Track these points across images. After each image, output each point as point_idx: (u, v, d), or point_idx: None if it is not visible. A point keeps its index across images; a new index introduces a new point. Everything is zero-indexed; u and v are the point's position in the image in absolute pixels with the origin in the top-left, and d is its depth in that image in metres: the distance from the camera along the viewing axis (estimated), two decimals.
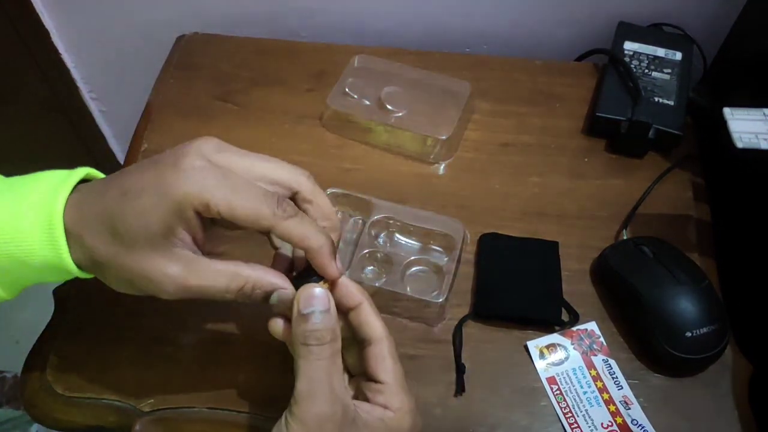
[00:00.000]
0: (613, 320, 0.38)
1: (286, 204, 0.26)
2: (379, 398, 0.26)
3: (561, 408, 0.34)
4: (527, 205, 0.43)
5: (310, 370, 0.25)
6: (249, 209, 0.25)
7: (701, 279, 0.37)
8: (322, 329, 0.25)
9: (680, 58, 0.49)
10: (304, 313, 0.25)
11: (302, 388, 0.25)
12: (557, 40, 0.56)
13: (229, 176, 0.25)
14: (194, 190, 0.24)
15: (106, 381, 0.35)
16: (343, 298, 0.27)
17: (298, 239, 0.26)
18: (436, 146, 0.46)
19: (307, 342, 0.25)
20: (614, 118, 0.45)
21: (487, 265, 0.39)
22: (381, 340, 0.27)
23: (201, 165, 0.25)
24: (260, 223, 0.25)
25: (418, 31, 0.58)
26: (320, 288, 0.26)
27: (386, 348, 0.27)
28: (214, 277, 0.26)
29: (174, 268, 0.25)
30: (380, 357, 0.27)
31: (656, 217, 0.43)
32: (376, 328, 0.27)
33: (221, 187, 0.25)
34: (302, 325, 0.25)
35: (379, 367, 0.27)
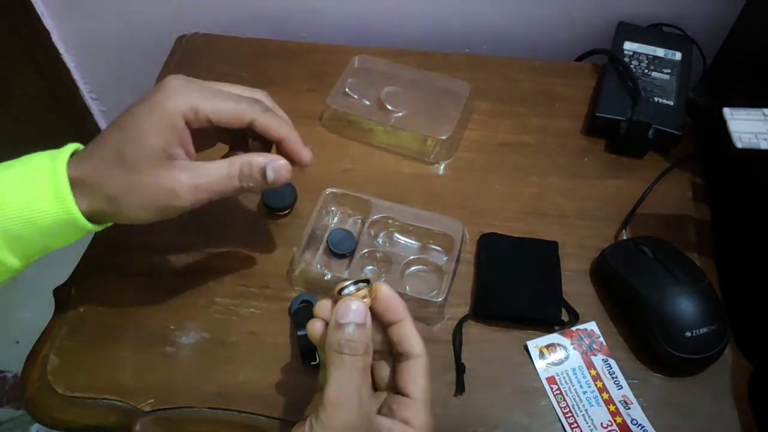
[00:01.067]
0: (613, 320, 0.38)
1: (259, 104, 0.31)
2: (404, 412, 0.27)
3: (561, 408, 0.35)
4: (527, 205, 0.43)
5: (340, 378, 0.25)
6: (231, 109, 0.30)
7: (701, 279, 0.37)
8: (357, 341, 0.26)
9: (680, 59, 0.49)
10: (341, 323, 0.26)
11: (331, 395, 0.25)
12: (557, 40, 0.56)
13: (208, 88, 0.31)
14: (182, 101, 0.29)
15: (106, 381, 0.35)
16: (387, 312, 0.27)
17: (275, 129, 0.31)
18: (435, 146, 0.46)
19: (341, 350, 0.25)
20: (614, 118, 0.45)
21: (487, 265, 0.39)
22: (419, 357, 0.27)
23: (182, 83, 0.30)
24: (243, 118, 0.30)
25: (417, 32, 0.58)
26: (359, 302, 0.26)
27: (423, 365, 0.27)
28: (215, 170, 0.30)
29: (182, 175, 0.29)
30: (415, 373, 0.27)
31: (656, 217, 0.43)
32: (417, 345, 0.28)
33: (204, 96, 0.30)
34: (338, 333, 0.26)
35: (412, 383, 0.27)
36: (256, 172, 0.31)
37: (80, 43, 0.66)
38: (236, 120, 0.30)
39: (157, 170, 0.29)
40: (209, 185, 0.30)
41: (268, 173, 0.31)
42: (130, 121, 0.29)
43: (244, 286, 0.39)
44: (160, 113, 0.29)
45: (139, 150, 0.29)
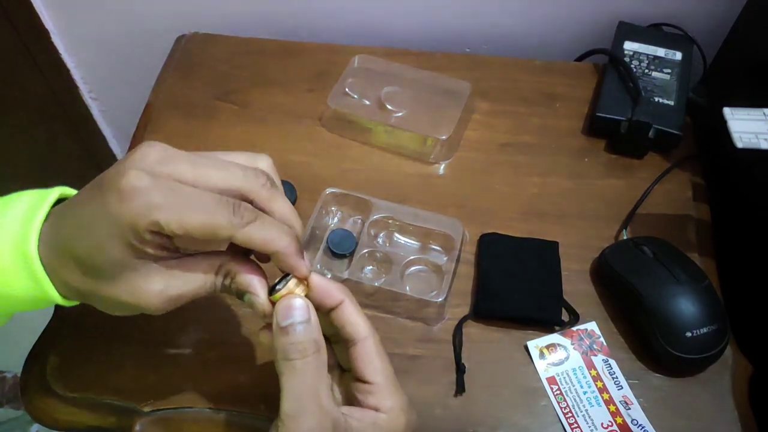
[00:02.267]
0: (613, 320, 0.38)
1: (243, 209, 0.24)
2: (370, 400, 0.25)
3: (561, 408, 0.34)
4: (527, 205, 0.43)
5: (295, 387, 0.23)
6: (203, 222, 0.23)
7: (701, 279, 0.37)
8: (304, 341, 0.24)
9: (680, 58, 0.49)
10: (283, 326, 0.24)
11: (288, 408, 0.23)
12: (557, 40, 0.56)
13: (176, 190, 0.23)
14: (141, 213, 0.22)
15: (106, 381, 0.35)
16: (322, 298, 0.26)
17: (261, 244, 0.24)
18: (435, 146, 0.46)
19: (289, 356, 0.24)
20: (614, 118, 0.45)
21: (487, 265, 0.39)
22: (366, 339, 0.26)
23: (143, 185, 0.22)
24: (218, 234, 0.23)
25: (418, 31, 0.58)
26: (299, 298, 0.25)
27: (372, 346, 0.26)
28: (191, 279, 0.25)
29: (152, 285, 0.24)
30: (367, 357, 0.26)
31: (656, 217, 0.43)
32: (360, 327, 0.26)
33: (169, 205, 0.22)
34: (282, 338, 0.24)
35: (367, 368, 0.26)
36: (235, 291, 0.26)
37: (80, 42, 0.66)
38: (210, 237, 0.23)
39: (125, 278, 0.24)
40: (184, 295, 0.25)
41: (245, 298, 0.26)
42: (86, 221, 0.24)
43: None
44: (117, 227, 0.23)
45: (100, 260, 0.23)
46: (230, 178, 0.24)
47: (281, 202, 0.26)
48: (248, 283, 0.25)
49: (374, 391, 0.25)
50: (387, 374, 0.26)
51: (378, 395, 0.25)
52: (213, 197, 0.23)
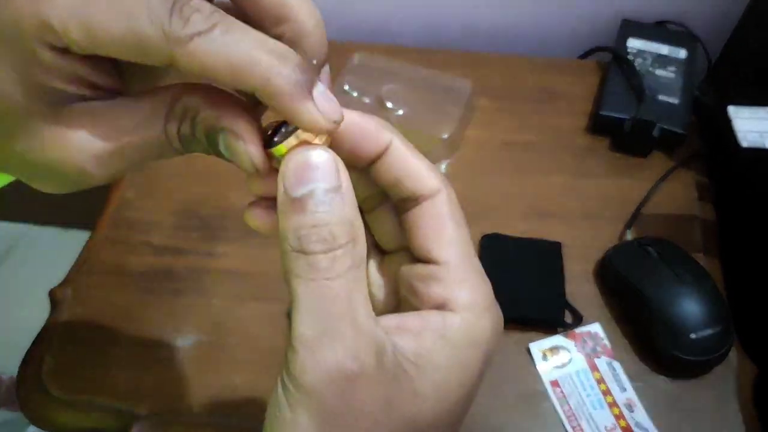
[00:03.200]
0: (617, 322, 0.37)
1: (189, 10, 0.14)
2: (436, 289, 0.16)
3: (564, 411, 0.34)
4: (529, 204, 0.43)
5: (316, 297, 0.14)
6: (119, 28, 0.13)
7: (706, 280, 0.36)
8: (332, 222, 0.14)
9: (684, 56, 0.48)
10: (295, 197, 0.14)
11: (305, 331, 0.14)
12: (560, 37, 0.56)
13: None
14: (28, 10, 0.14)
15: (102, 383, 0.35)
16: (361, 142, 0.16)
17: (224, 73, 0.14)
18: (437, 145, 0.45)
19: (307, 248, 0.14)
20: (618, 116, 0.45)
21: (489, 266, 0.38)
22: (436, 195, 0.17)
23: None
24: (144, 49, 0.14)
25: (418, 28, 0.57)
26: (321, 149, 0.15)
27: (444, 205, 0.17)
28: (129, 123, 0.15)
29: (84, 134, 0.15)
30: (435, 222, 0.16)
31: (660, 217, 0.42)
32: (424, 176, 0.17)
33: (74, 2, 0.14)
34: (295, 218, 0.14)
35: (434, 237, 0.16)
36: (200, 132, 0.15)
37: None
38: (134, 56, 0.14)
39: (28, 131, 0.15)
40: (122, 150, 0.16)
41: (220, 147, 0.15)
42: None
43: (241, 287, 0.39)
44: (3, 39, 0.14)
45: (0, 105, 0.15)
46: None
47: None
48: (219, 115, 0.15)
49: (443, 276, 0.16)
50: (464, 249, 0.17)
51: (448, 281, 0.16)
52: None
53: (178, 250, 0.40)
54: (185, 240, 0.41)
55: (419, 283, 0.16)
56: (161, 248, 0.41)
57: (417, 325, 0.16)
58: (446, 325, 0.16)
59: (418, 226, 0.17)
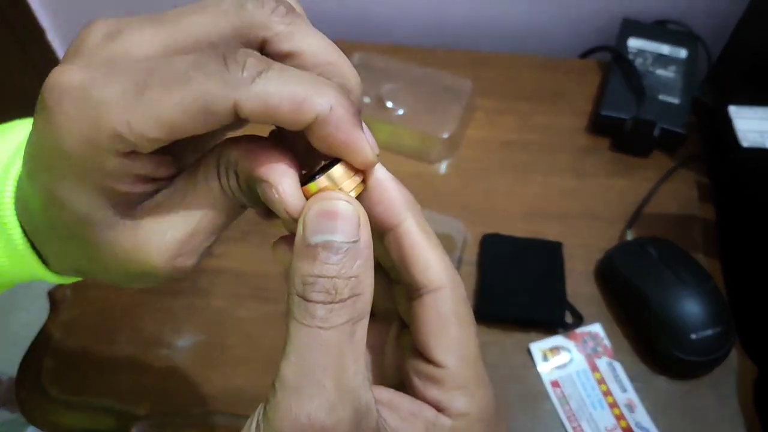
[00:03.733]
0: (618, 322, 0.37)
1: (243, 56, 0.14)
2: (432, 391, 0.16)
3: (565, 412, 0.34)
4: (530, 204, 0.43)
5: (306, 345, 0.14)
6: (184, 100, 0.13)
7: (706, 280, 0.36)
8: (339, 275, 0.14)
9: (685, 56, 0.48)
10: (309, 244, 0.14)
11: (288, 375, 0.14)
12: (560, 36, 0.56)
13: (132, 69, 0.14)
14: (87, 127, 0.13)
15: (101, 384, 0.35)
16: (381, 209, 0.16)
17: (287, 108, 0.14)
18: (437, 145, 0.45)
19: (308, 296, 0.14)
20: (618, 116, 0.45)
21: (490, 266, 0.39)
22: (438, 291, 0.16)
23: (78, 79, 0.14)
24: (213, 108, 0.13)
25: (418, 27, 0.57)
26: (347, 200, 0.14)
27: (448, 304, 0.16)
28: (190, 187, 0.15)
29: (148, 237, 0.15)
30: (437, 319, 0.16)
31: (661, 217, 0.42)
32: (431, 268, 0.16)
33: (128, 95, 0.13)
34: (304, 264, 0.14)
35: (435, 337, 0.16)
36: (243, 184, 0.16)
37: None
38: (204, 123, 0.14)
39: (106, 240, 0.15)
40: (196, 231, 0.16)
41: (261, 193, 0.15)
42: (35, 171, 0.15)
43: (240, 287, 0.39)
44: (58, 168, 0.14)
45: (66, 218, 0.15)
46: (218, 19, 0.15)
47: (312, 36, 0.16)
48: (254, 166, 0.15)
49: (441, 380, 0.16)
50: (466, 352, 0.16)
51: (446, 386, 0.15)
52: (188, 58, 0.14)
53: None
54: None
55: (418, 380, 0.16)
56: None
57: (409, 410, 0.16)
58: (437, 424, 0.15)
59: (420, 320, 0.16)
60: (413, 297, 0.16)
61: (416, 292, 0.16)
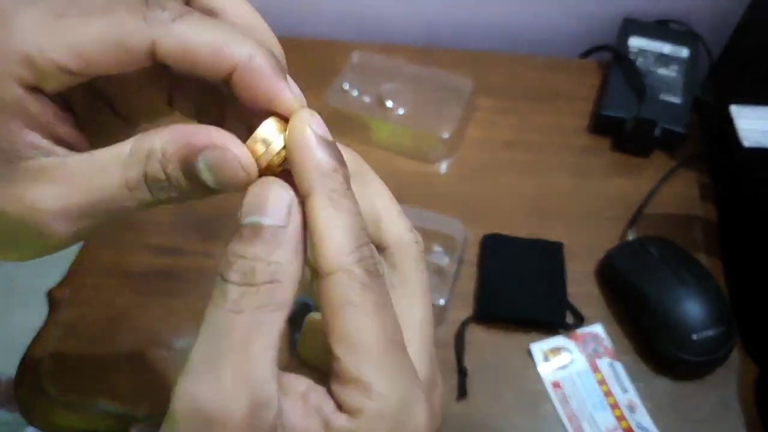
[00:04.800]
0: (619, 322, 0.37)
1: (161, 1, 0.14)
2: (333, 385, 0.14)
3: (565, 412, 0.34)
4: (530, 204, 0.43)
5: (214, 326, 0.14)
6: (101, 30, 0.13)
7: (707, 280, 0.36)
8: (258, 258, 0.14)
9: (686, 55, 0.48)
10: (241, 223, 0.14)
11: (194, 355, 0.14)
12: (561, 36, 0.55)
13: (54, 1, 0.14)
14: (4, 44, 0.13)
15: (101, 384, 0.35)
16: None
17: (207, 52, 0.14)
18: (437, 145, 0.45)
19: (225, 275, 0.14)
20: (619, 116, 0.45)
21: (490, 267, 0.39)
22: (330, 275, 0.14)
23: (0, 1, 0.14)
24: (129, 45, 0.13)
25: (418, 27, 0.57)
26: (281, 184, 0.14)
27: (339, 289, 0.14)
28: (99, 172, 0.14)
29: (37, 191, 0.14)
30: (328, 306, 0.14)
31: (662, 216, 0.42)
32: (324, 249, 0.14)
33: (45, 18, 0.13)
34: (232, 242, 0.14)
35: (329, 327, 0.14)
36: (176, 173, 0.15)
37: None
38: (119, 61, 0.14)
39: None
40: (91, 206, 0.15)
41: (202, 175, 0.15)
42: None
43: None
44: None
45: None
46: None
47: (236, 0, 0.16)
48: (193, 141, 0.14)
49: (338, 372, 0.14)
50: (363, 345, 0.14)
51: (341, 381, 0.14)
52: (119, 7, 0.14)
53: (177, 250, 0.40)
54: (184, 240, 0.41)
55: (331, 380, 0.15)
56: (160, 249, 0.40)
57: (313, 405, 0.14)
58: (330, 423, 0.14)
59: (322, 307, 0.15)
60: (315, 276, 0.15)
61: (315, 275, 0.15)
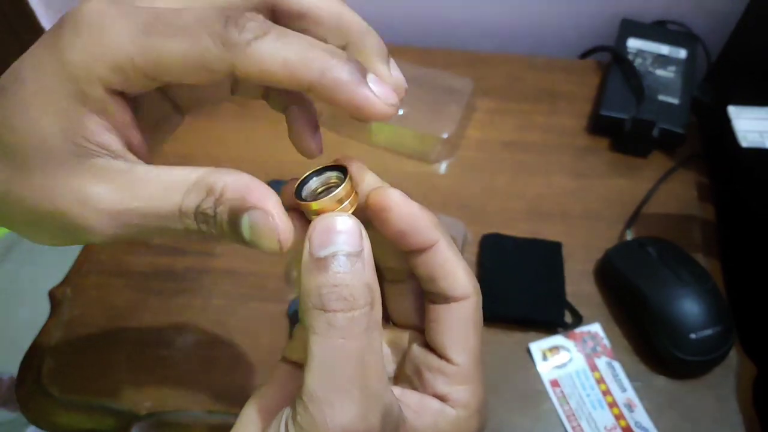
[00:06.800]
0: (617, 322, 0.37)
1: (244, 19, 0.15)
2: (440, 384, 0.17)
3: (564, 411, 0.34)
4: (530, 204, 0.43)
5: (330, 355, 0.15)
6: (184, 50, 0.14)
7: (706, 280, 0.36)
8: (352, 284, 0.15)
9: (684, 56, 0.48)
10: (318, 257, 0.15)
11: (315, 387, 0.15)
12: (560, 37, 0.56)
13: (145, 11, 0.15)
14: (93, 49, 0.14)
15: (102, 383, 0.35)
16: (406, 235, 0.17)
17: (283, 72, 0.14)
18: (437, 145, 0.45)
19: (327, 306, 0.15)
20: (618, 116, 0.45)
21: (489, 266, 0.39)
22: (465, 301, 0.18)
23: (99, 8, 0.15)
24: (209, 65, 0.15)
25: (418, 27, 0.57)
26: (347, 216, 0.16)
27: (470, 312, 0.18)
28: (161, 190, 0.15)
29: (97, 188, 0.15)
30: (458, 326, 0.17)
31: (660, 217, 0.42)
32: (462, 281, 0.17)
33: (136, 32, 0.15)
34: (318, 276, 0.15)
35: (455, 339, 0.17)
36: (223, 216, 0.15)
37: None
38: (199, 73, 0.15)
39: (56, 174, 0.15)
40: (143, 216, 0.15)
41: (242, 223, 0.15)
42: (17, 74, 0.16)
43: (241, 287, 0.39)
44: (57, 75, 0.15)
45: (25, 134, 0.15)
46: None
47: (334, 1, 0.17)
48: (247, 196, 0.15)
49: (452, 374, 0.17)
50: (475, 357, 0.18)
51: (454, 381, 0.17)
52: (196, 13, 0.15)
53: (178, 250, 0.40)
54: (185, 240, 0.41)
55: (428, 372, 0.18)
56: (161, 248, 0.40)
57: (417, 404, 0.17)
58: (443, 414, 0.17)
59: (442, 323, 0.18)
60: (437, 302, 0.18)
61: (443, 299, 0.18)
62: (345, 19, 0.17)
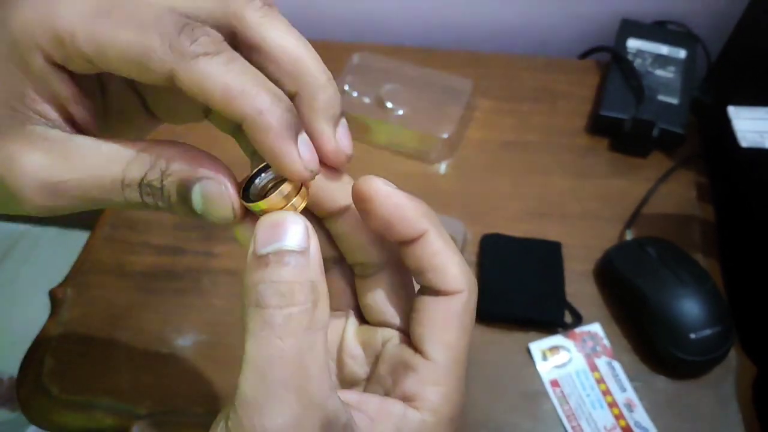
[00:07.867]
0: (617, 322, 0.37)
1: (200, 33, 0.14)
2: (410, 383, 0.16)
3: (564, 411, 0.34)
4: (530, 205, 0.43)
5: (263, 355, 0.14)
6: (127, 42, 0.14)
7: (705, 280, 0.36)
8: (293, 281, 0.14)
9: (684, 56, 0.48)
10: (260, 254, 0.14)
11: (246, 390, 0.14)
12: (560, 37, 0.56)
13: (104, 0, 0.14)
14: (37, 16, 0.14)
15: (102, 383, 0.35)
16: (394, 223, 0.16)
17: (219, 97, 0.14)
18: (437, 145, 0.45)
19: (262, 302, 0.14)
20: (618, 116, 0.45)
21: (489, 266, 0.39)
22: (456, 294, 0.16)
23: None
24: (147, 64, 0.14)
25: (418, 28, 0.57)
26: (292, 213, 0.15)
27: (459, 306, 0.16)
28: (101, 161, 0.15)
29: (32, 155, 0.15)
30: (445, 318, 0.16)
31: (660, 217, 0.42)
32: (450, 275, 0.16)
33: (88, 11, 0.14)
34: (257, 273, 0.14)
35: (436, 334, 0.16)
36: (171, 187, 0.15)
37: None
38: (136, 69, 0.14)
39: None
40: (79, 188, 0.15)
41: (193, 194, 0.15)
42: None
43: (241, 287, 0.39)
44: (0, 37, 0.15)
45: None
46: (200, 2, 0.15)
47: (281, 30, 0.16)
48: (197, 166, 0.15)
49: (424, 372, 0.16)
50: (455, 357, 0.16)
51: (426, 380, 0.16)
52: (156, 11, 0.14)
53: (178, 249, 0.40)
54: (185, 240, 0.41)
55: (401, 369, 0.16)
56: (161, 248, 0.40)
57: (375, 410, 0.15)
58: (405, 419, 0.15)
59: (424, 313, 0.16)
60: (425, 294, 0.17)
61: (432, 292, 0.16)
62: (303, 67, 0.16)
